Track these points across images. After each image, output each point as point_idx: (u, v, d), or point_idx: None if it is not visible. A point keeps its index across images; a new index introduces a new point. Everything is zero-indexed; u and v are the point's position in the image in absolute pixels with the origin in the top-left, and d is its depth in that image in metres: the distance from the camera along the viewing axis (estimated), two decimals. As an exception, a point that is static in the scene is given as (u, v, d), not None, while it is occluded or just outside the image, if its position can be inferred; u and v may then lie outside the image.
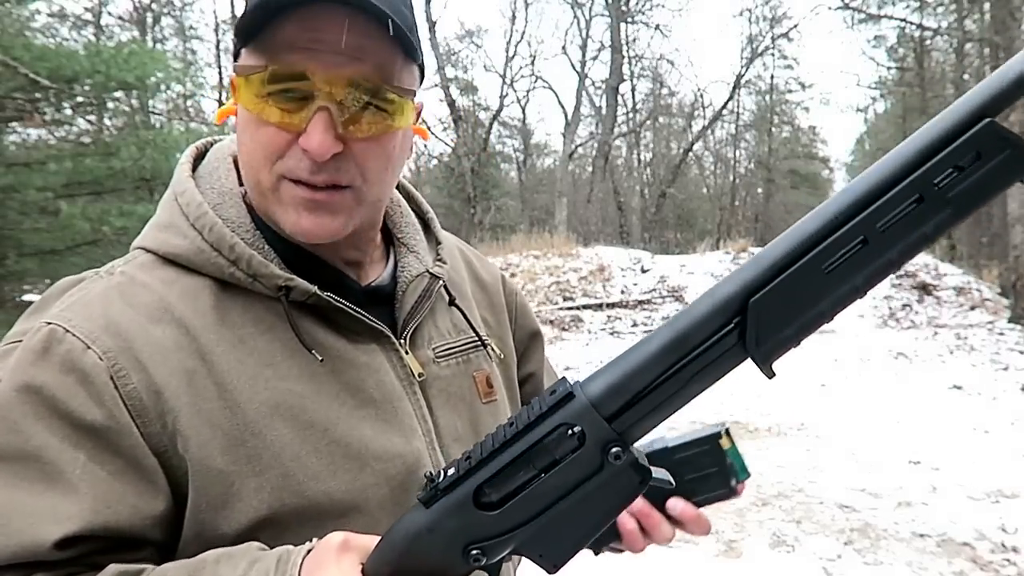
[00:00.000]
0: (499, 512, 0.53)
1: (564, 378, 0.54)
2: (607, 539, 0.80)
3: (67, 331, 0.67)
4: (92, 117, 9.21)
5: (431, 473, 0.56)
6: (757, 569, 3.66)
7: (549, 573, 0.56)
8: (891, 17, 20.86)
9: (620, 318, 13.56)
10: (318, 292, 0.73)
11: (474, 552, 0.54)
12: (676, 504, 0.78)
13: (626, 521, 0.78)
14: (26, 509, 0.62)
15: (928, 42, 23.32)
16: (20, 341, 0.69)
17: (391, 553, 0.56)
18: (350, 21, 0.65)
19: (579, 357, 10.55)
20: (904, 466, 5.12)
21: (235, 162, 0.81)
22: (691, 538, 3.97)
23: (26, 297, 9.83)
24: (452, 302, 0.88)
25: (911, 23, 20.84)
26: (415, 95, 0.74)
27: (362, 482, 0.72)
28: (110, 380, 0.65)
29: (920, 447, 5.48)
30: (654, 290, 14.67)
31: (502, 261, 16.12)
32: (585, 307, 13.85)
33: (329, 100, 0.66)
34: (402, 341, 0.80)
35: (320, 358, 0.73)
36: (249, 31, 0.67)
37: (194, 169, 0.81)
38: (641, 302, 14.23)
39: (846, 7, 18.56)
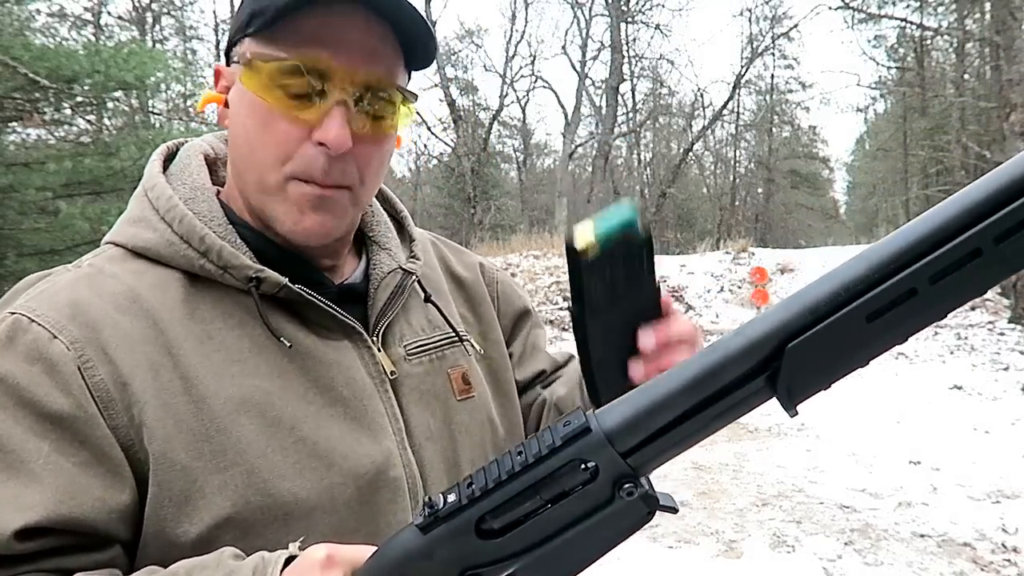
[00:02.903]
0: (500, 540, 0.51)
1: (579, 408, 0.52)
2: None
3: (32, 320, 0.65)
4: (91, 117, 9.20)
5: (430, 499, 0.53)
6: (757, 569, 3.65)
7: None
8: (891, 17, 20.84)
9: (620, 318, 13.53)
10: (288, 284, 0.72)
11: None
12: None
13: None
14: None
15: (928, 42, 23.32)
16: None
17: (384, 570, 0.54)
18: (368, 22, 0.68)
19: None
20: (904, 466, 5.11)
21: (206, 160, 0.81)
22: (691, 538, 3.99)
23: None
24: (427, 298, 0.87)
25: (911, 23, 20.83)
26: (416, 99, 0.76)
27: (329, 481, 0.70)
28: (77, 370, 0.63)
29: (920, 447, 5.47)
30: (654, 290, 14.63)
31: (502, 261, 16.10)
32: (585, 307, 13.80)
33: (347, 96, 0.68)
34: (374, 338, 0.79)
35: (288, 344, 0.72)
36: (267, 20, 0.67)
37: (165, 169, 0.81)
38: (641, 302, 14.19)
39: (846, 7, 18.53)
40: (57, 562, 0.62)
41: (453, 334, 0.87)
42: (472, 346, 0.89)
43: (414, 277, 0.84)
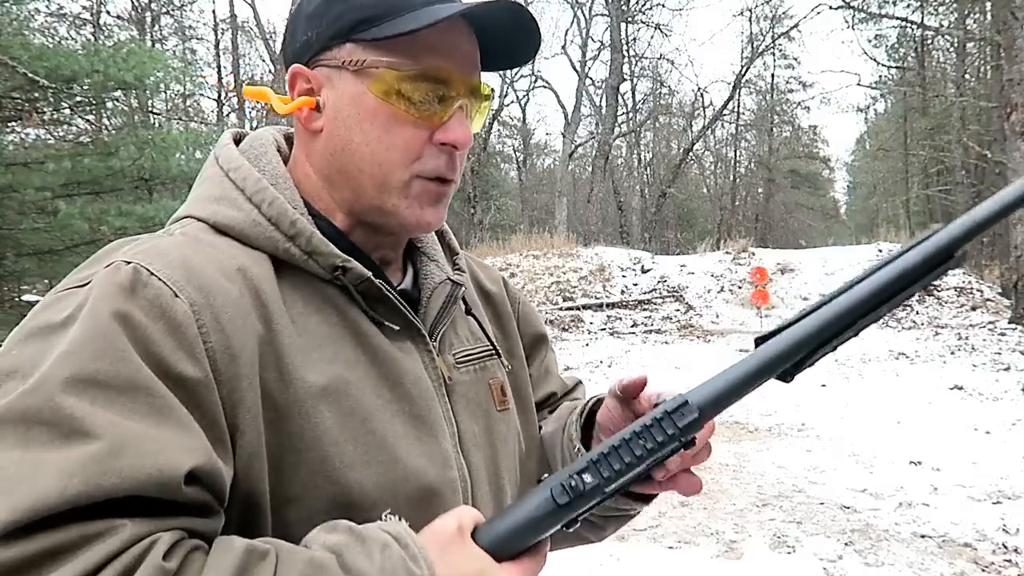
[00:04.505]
0: (607, 492, 0.67)
1: (686, 400, 0.67)
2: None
3: (151, 273, 0.62)
4: (91, 117, 9.21)
5: (572, 483, 0.65)
6: (758, 570, 3.64)
7: None
8: (892, 16, 20.85)
9: (620, 318, 13.55)
10: (372, 278, 0.73)
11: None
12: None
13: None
14: (149, 435, 0.55)
15: (929, 41, 23.32)
16: (81, 286, 0.63)
17: (518, 534, 0.66)
18: (470, 35, 0.76)
19: (579, 357, 10.54)
20: (905, 467, 5.11)
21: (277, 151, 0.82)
22: (691, 538, 3.98)
23: (25, 297, 9.81)
24: (468, 311, 0.89)
25: (912, 22, 20.84)
26: (492, 98, 0.83)
27: (393, 476, 0.71)
28: (199, 334, 0.61)
29: (921, 448, 5.47)
30: (654, 290, 14.67)
31: (502, 261, 16.11)
32: (585, 307, 13.85)
33: (464, 100, 0.76)
34: (434, 344, 0.81)
35: (396, 327, 0.76)
36: (391, 32, 0.71)
37: None
38: (641, 302, 14.23)
39: (847, 6, 18.54)
40: (195, 522, 0.58)
41: (492, 347, 0.90)
42: (504, 362, 0.92)
43: (462, 288, 0.86)
